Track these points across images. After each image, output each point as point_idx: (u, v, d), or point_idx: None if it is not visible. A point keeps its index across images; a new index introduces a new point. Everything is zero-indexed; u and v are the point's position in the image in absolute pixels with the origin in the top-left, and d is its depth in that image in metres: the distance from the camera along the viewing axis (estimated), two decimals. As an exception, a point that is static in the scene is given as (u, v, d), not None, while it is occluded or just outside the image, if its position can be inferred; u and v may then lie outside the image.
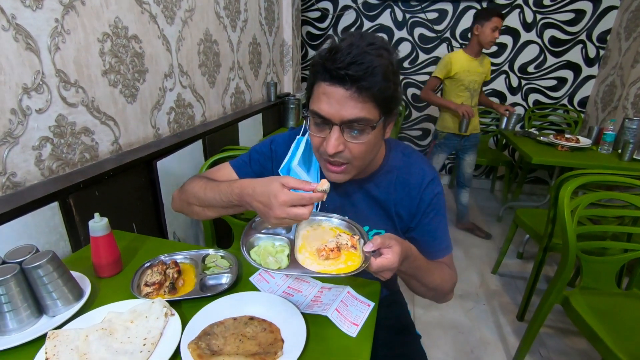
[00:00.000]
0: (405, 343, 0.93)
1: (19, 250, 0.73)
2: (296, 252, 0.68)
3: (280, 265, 0.65)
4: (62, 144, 1.04)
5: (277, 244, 0.71)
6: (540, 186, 3.44)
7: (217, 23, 1.82)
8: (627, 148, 2.00)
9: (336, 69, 0.62)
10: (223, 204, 0.74)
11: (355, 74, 0.61)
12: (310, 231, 0.74)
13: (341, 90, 0.64)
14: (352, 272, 0.61)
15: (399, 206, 0.84)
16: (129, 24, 1.23)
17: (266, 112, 2.41)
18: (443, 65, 2.25)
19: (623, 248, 1.41)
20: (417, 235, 0.86)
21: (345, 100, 0.64)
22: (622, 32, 2.71)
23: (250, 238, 0.71)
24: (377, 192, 0.84)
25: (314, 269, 0.64)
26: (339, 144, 0.67)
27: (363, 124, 0.66)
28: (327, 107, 0.66)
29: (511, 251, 2.42)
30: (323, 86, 0.66)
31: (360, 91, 0.63)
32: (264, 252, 0.68)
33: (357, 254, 0.67)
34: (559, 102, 3.17)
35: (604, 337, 1.15)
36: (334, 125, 0.66)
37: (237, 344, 0.67)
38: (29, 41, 0.91)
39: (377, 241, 0.63)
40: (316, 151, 0.75)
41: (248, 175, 0.92)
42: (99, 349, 0.63)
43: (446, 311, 1.90)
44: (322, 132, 0.70)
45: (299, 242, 0.71)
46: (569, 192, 1.30)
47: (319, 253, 0.66)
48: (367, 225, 0.87)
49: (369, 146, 0.70)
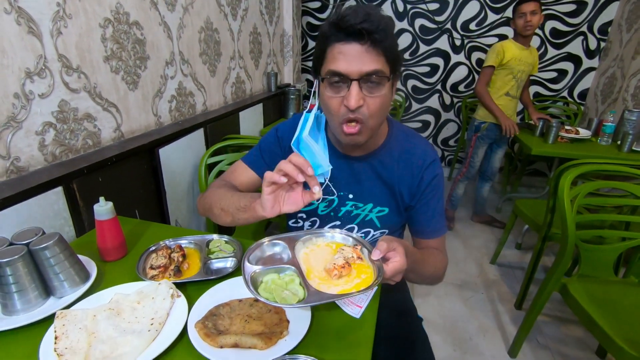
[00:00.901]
0: (407, 325, 0.95)
1: (25, 232, 0.73)
2: (307, 279, 0.64)
3: (299, 297, 0.61)
4: (65, 130, 1.04)
5: (282, 274, 0.66)
6: (539, 178, 3.46)
7: (218, 11, 1.81)
8: (626, 139, 2.01)
9: (351, 25, 0.66)
10: (239, 205, 0.77)
11: (369, 27, 0.65)
12: (308, 253, 0.71)
13: (357, 45, 0.67)
14: (372, 285, 0.59)
15: (401, 184, 0.87)
16: (130, 10, 1.22)
17: (267, 103, 2.40)
18: (495, 53, 2.22)
19: (621, 237, 1.42)
20: (414, 214, 0.89)
21: (361, 54, 0.68)
22: (624, 24, 2.70)
23: (252, 274, 0.65)
24: (381, 169, 0.87)
25: (332, 291, 0.61)
26: (360, 98, 0.70)
27: (380, 76, 0.69)
28: (345, 64, 0.68)
29: (510, 242, 2.44)
30: (338, 46, 0.69)
31: (374, 44, 0.67)
32: (276, 288, 0.63)
33: (365, 264, 0.66)
34: (559, 94, 3.17)
35: (601, 323, 1.17)
36: (353, 80, 0.69)
37: (243, 324, 0.68)
38: (31, 25, 0.91)
39: (383, 246, 0.63)
40: (335, 114, 0.74)
41: (262, 167, 0.93)
42: (107, 328, 0.64)
43: (445, 300, 1.93)
44: (340, 92, 0.72)
45: (303, 267, 0.67)
46: (568, 181, 1.31)
47: (331, 273, 0.63)
48: (372, 203, 0.89)
49: (384, 102, 0.73)
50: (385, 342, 0.88)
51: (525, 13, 2.11)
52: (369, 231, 0.92)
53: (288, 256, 0.69)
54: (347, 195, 0.90)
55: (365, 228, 0.92)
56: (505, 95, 2.32)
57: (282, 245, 0.71)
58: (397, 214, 0.90)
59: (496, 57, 2.22)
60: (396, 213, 0.90)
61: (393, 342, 0.90)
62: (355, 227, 0.92)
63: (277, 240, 0.72)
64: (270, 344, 0.63)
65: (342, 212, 0.91)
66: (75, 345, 0.61)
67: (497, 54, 2.22)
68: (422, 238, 0.91)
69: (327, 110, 0.76)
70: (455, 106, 3.43)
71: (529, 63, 2.25)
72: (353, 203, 0.90)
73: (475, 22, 3.10)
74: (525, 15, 2.11)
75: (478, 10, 3.05)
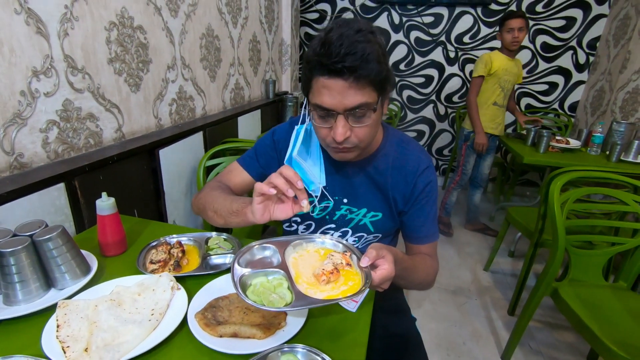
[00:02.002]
0: (401, 324, 0.96)
1: (29, 224, 0.75)
2: (295, 283, 0.64)
3: (286, 300, 0.62)
4: (68, 128, 1.05)
5: (270, 277, 0.67)
6: (532, 188, 3.51)
7: (219, 19, 1.85)
8: (614, 149, 2.07)
9: (332, 63, 0.64)
10: (230, 209, 0.78)
11: (351, 64, 0.64)
12: (297, 258, 0.72)
13: (340, 81, 0.66)
14: (359, 292, 0.60)
15: (394, 190, 0.87)
16: (134, 15, 1.26)
17: (265, 109, 2.44)
18: (483, 63, 2.31)
19: (610, 242, 1.46)
20: (407, 220, 0.89)
21: (345, 90, 0.67)
22: (611, 39, 2.80)
23: (242, 277, 0.65)
24: (375, 175, 0.88)
25: (319, 296, 0.61)
26: (346, 130, 0.71)
27: (365, 108, 0.70)
28: (329, 100, 0.68)
29: (503, 250, 2.47)
30: (322, 80, 0.68)
31: (358, 79, 0.66)
32: (263, 291, 0.64)
33: (353, 270, 0.66)
34: (550, 106, 3.25)
35: (592, 326, 1.19)
36: (339, 114, 0.70)
37: (242, 316, 0.69)
38: (39, 25, 0.93)
39: (372, 254, 0.62)
40: (323, 141, 0.77)
41: (257, 170, 0.96)
42: (108, 318, 0.66)
43: (439, 305, 1.94)
44: (327, 123, 0.73)
45: (292, 271, 0.67)
46: (558, 186, 1.35)
47: (319, 278, 0.63)
48: (365, 208, 0.90)
49: (372, 127, 0.74)
50: (380, 340, 0.90)
51: (513, 29, 2.20)
52: (363, 235, 0.93)
53: (278, 260, 0.69)
54: (341, 200, 0.91)
55: (359, 232, 0.93)
56: (493, 104, 2.41)
57: (272, 249, 0.72)
58: (391, 219, 0.91)
59: (484, 67, 2.31)
60: (390, 218, 0.91)
61: (387, 340, 0.91)
62: (349, 231, 0.94)
63: (267, 244, 0.72)
64: (268, 334, 0.64)
65: (337, 216, 0.92)
66: (77, 334, 0.62)
67: (485, 64, 2.30)
68: (414, 243, 0.91)
69: (317, 135, 0.78)
70: (450, 116, 3.49)
71: (514, 73, 2.36)
72: (347, 207, 0.91)
73: (469, 35, 3.19)
74: (513, 31, 2.20)
75: (471, 24, 3.15)
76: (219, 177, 0.99)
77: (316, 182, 0.86)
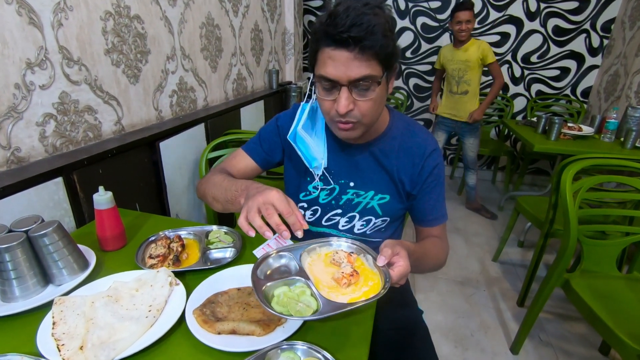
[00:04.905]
0: (407, 317, 0.94)
1: (25, 220, 0.73)
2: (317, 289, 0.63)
3: (313, 308, 0.60)
4: (65, 122, 1.04)
5: (292, 287, 0.65)
6: (542, 177, 3.44)
7: (219, 7, 1.81)
8: (629, 136, 2.00)
9: (338, 33, 0.64)
10: (226, 197, 0.79)
11: (357, 35, 0.64)
12: (311, 264, 0.70)
13: (345, 52, 0.66)
14: (380, 292, 0.59)
15: (401, 172, 0.87)
16: (131, 4, 1.23)
17: (268, 100, 2.40)
18: (437, 58, 2.70)
19: (624, 232, 1.41)
20: (416, 203, 0.90)
21: (350, 61, 0.67)
22: (627, 21, 2.69)
23: (263, 288, 0.63)
24: (381, 157, 0.87)
25: (341, 299, 0.61)
26: (349, 103, 0.70)
27: (369, 81, 0.69)
28: (333, 70, 0.68)
29: (512, 240, 2.43)
30: (327, 51, 0.68)
31: (363, 51, 0.65)
32: (288, 301, 0.62)
33: (368, 268, 0.67)
34: (561, 92, 3.16)
35: (604, 318, 1.16)
36: (342, 86, 0.69)
37: (241, 312, 0.68)
38: (32, 16, 0.91)
39: (388, 252, 0.63)
40: (327, 114, 0.77)
41: (260, 155, 0.96)
42: (105, 315, 0.64)
43: (447, 297, 1.92)
44: (331, 95, 0.72)
45: (311, 277, 0.66)
46: (570, 175, 1.30)
47: (340, 282, 0.63)
48: (373, 190, 0.89)
49: (376, 102, 0.73)
50: (386, 333, 0.88)
51: (461, 21, 2.37)
52: (371, 219, 0.92)
53: (295, 267, 0.68)
54: (348, 184, 0.90)
55: (366, 216, 0.92)
56: (449, 92, 2.67)
57: (287, 256, 0.70)
58: (399, 201, 0.91)
59: (437, 61, 2.72)
60: (397, 200, 0.90)
61: (393, 333, 0.89)
62: (356, 216, 0.92)
63: (283, 252, 0.71)
64: (268, 331, 0.62)
65: (344, 201, 0.91)
66: (73, 331, 0.61)
67: (437, 59, 2.71)
68: (424, 226, 0.92)
69: (321, 108, 0.78)
70: (457, 104, 3.41)
71: (462, 61, 2.50)
72: (354, 191, 0.90)
73: (477, 20, 3.09)
74: (461, 24, 2.37)
75: (480, 8, 3.04)
76: (223, 163, 0.99)
77: (319, 158, 0.87)
